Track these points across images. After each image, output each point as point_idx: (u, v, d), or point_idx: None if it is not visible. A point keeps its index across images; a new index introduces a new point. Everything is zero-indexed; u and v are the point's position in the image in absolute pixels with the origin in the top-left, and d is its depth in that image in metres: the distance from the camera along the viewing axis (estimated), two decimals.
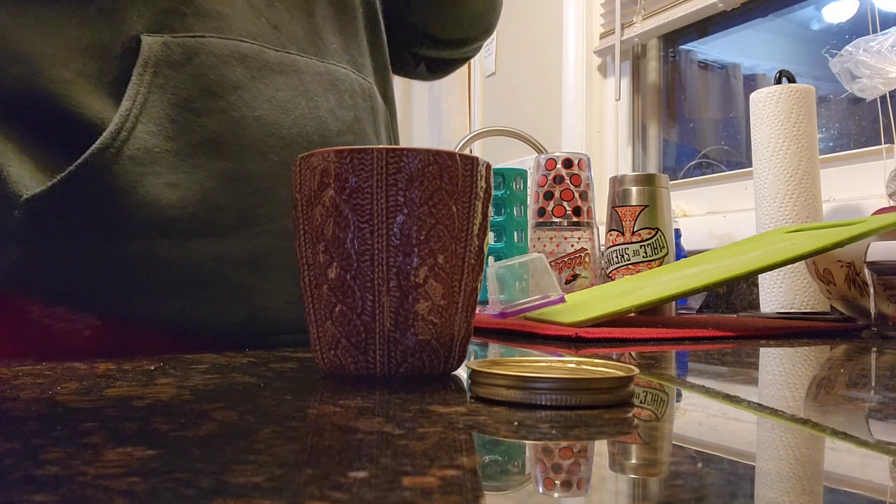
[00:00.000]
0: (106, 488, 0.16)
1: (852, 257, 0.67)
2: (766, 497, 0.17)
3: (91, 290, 0.53)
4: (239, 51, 0.56)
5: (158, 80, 0.53)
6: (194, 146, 0.54)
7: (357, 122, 0.64)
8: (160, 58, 0.53)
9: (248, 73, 0.56)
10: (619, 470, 0.19)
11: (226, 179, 0.55)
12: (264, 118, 0.56)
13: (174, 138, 0.53)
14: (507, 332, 0.65)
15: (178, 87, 0.54)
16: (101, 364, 0.39)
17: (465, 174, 0.35)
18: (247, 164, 0.55)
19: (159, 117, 0.53)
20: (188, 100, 0.54)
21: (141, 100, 0.52)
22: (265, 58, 0.58)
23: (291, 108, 0.58)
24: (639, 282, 0.75)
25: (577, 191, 0.95)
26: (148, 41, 0.54)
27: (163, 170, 0.53)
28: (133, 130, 0.52)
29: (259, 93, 0.57)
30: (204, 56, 0.55)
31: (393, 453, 0.20)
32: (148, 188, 0.52)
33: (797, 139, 0.92)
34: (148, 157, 0.52)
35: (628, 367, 0.30)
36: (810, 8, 1.39)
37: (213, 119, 0.55)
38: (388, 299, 0.34)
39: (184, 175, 0.53)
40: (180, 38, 0.54)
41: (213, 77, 0.55)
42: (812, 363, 0.45)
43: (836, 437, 0.23)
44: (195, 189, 0.53)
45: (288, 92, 0.58)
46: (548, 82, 1.86)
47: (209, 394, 0.29)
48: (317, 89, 0.60)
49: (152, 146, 0.52)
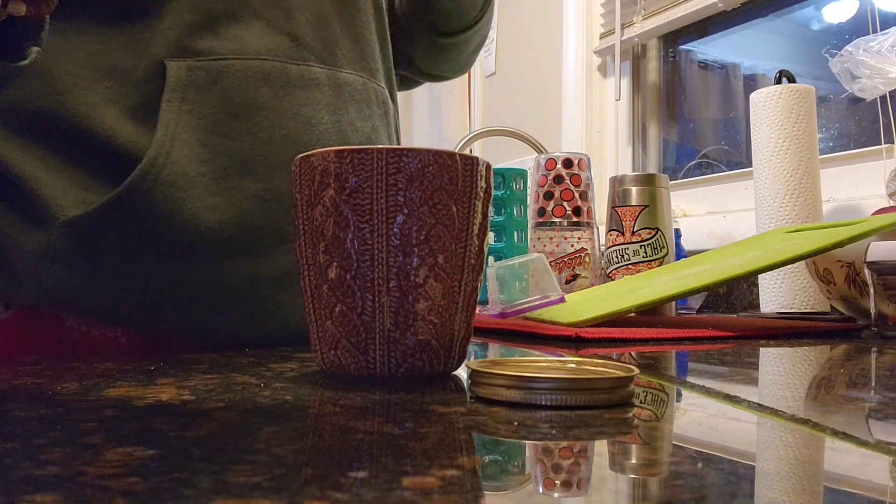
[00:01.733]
0: (106, 488, 0.16)
1: (852, 257, 0.67)
2: (766, 497, 0.17)
3: (131, 309, 0.54)
4: (262, 70, 0.57)
5: (187, 105, 0.54)
6: (227, 169, 0.55)
7: (374, 132, 0.64)
8: (187, 83, 0.54)
9: (273, 91, 0.57)
10: (619, 470, 0.19)
11: (259, 200, 0.56)
12: (291, 136, 0.57)
13: (207, 162, 0.54)
14: (507, 332, 0.65)
15: (205, 112, 0.55)
16: (101, 364, 0.39)
17: (465, 174, 0.35)
18: (278, 184, 0.56)
19: (191, 142, 0.54)
20: (216, 123, 0.55)
21: (173, 126, 0.53)
22: (287, 74, 0.58)
23: (315, 123, 0.59)
24: (639, 282, 0.75)
25: (577, 191, 0.95)
26: (173, 66, 0.54)
27: (200, 193, 0.54)
28: (169, 156, 0.53)
29: (284, 111, 0.57)
30: (228, 79, 0.55)
31: (393, 453, 0.20)
32: (187, 213, 0.53)
33: (797, 139, 0.92)
34: (185, 182, 0.53)
35: (628, 367, 0.30)
36: (810, 8, 1.39)
37: (242, 142, 0.55)
38: (388, 299, 0.34)
39: (220, 198, 0.54)
40: (204, 62, 0.55)
41: (239, 100, 0.56)
42: (812, 363, 0.45)
43: (836, 437, 0.23)
44: (232, 211, 0.54)
45: (311, 107, 0.59)
46: (548, 82, 1.86)
47: (209, 394, 0.29)
48: (337, 102, 0.61)
49: (188, 171, 0.54)
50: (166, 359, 0.42)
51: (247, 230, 0.55)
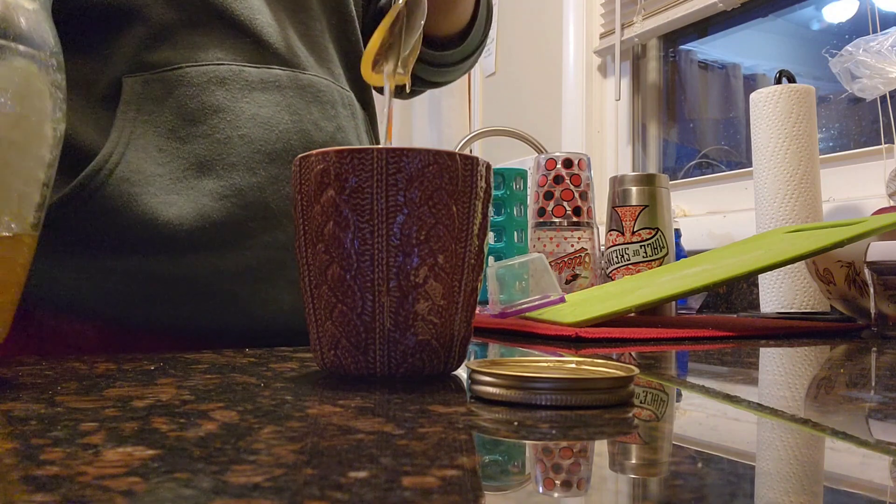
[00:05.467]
0: (106, 488, 0.16)
1: (852, 257, 0.67)
2: (766, 497, 0.17)
3: (94, 302, 0.55)
4: (217, 75, 0.58)
5: (143, 115, 0.56)
6: (184, 170, 0.56)
7: (340, 132, 0.65)
8: (143, 96, 0.56)
9: (229, 94, 0.58)
10: (619, 470, 0.19)
11: (218, 197, 0.56)
12: (249, 135, 0.58)
13: (164, 164, 0.56)
14: (507, 332, 0.65)
15: (161, 121, 0.56)
16: (101, 364, 0.39)
17: (465, 174, 0.35)
18: (237, 181, 0.57)
19: (147, 148, 0.55)
20: (172, 130, 0.56)
21: (128, 132, 0.55)
22: (245, 77, 0.59)
23: (275, 123, 0.59)
24: (639, 282, 0.75)
25: (577, 191, 0.95)
26: (129, 82, 0.56)
27: (157, 190, 0.55)
28: (123, 155, 0.55)
29: (242, 112, 0.58)
30: (183, 87, 0.57)
31: (393, 453, 0.20)
32: (144, 207, 0.54)
33: (797, 139, 0.92)
34: (141, 179, 0.55)
35: (628, 367, 0.30)
36: (810, 8, 1.39)
37: (198, 144, 0.56)
38: (388, 299, 0.34)
39: (177, 196, 0.55)
40: (159, 74, 0.57)
41: (194, 105, 0.57)
42: (812, 363, 0.45)
43: (836, 437, 0.23)
44: (190, 207, 0.55)
45: (271, 108, 0.59)
46: (548, 82, 1.86)
47: (209, 394, 0.29)
48: (299, 102, 0.61)
49: (144, 170, 0.55)
50: (166, 359, 0.42)
51: (206, 225, 0.56)
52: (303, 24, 0.65)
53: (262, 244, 0.58)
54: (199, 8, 0.58)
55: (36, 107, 0.33)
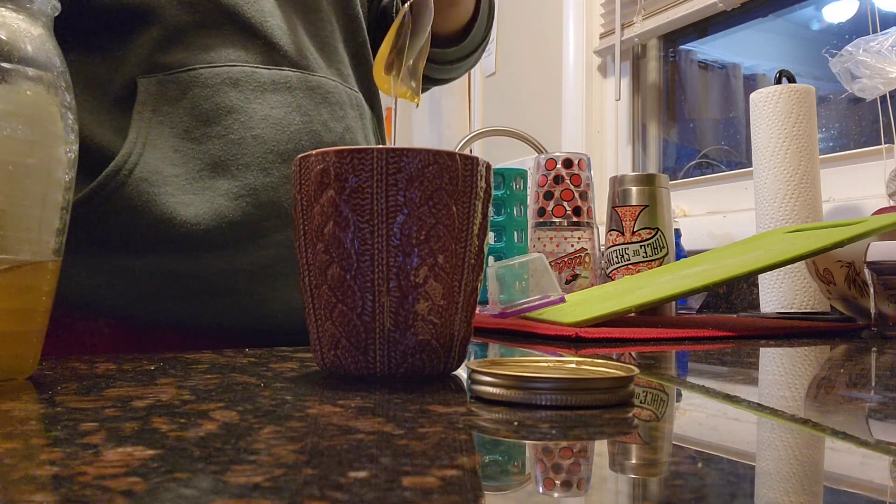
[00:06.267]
0: (106, 488, 0.16)
1: (852, 257, 0.67)
2: (766, 497, 0.17)
3: (108, 300, 0.56)
4: (230, 76, 0.58)
5: (158, 116, 0.56)
6: (200, 171, 0.57)
7: (349, 132, 0.66)
8: (157, 96, 0.57)
9: (242, 95, 0.59)
10: (619, 470, 0.19)
11: (233, 196, 0.57)
12: (262, 136, 0.59)
13: (180, 165, 0.56)
14: (507, 332, 0.65)
15: (176, 122, 0.57)
16: (101, 364, 0.39)
17: (465, 174, 0.35)
18: (251, 181, 0.58)
19: (163, 148, 0.56)
20: (187, 131, 0.57)
21: (144, 133, 0.56)
22: (257, 78, 0.59)
23: (287, 124, 0.60)
24: (639, 282, 0.75)
25: (577, 191, 0.95)
26: (143, 82, 0.57)
27: (174, 190, 0.56)
28: (142, 156, 0.55)
29: (255, 113, 0.59)
30: (197, 88, 0.57)
31: (393, 453, 0.20)
32: (162, 207, 0.55)
33: (797, 139, 0.92)
34: (159, 179, 0.55)
35: (628, 367, 0.30)
36: (810, 8, 1.39)
37: (213, 145, 0.57)
38: (388, 299, 0.34)
39: (194, 196, 0.56)
40: (172, 75, 0.57)
41: (208, 106, 0.57)
42: (812, 363, 0.45)
43: (836, 437, 0.23)
44: (206, 207, 0.56)
45: (282, 109, 0.60)
46: (548, 82, 1.86)
47: (209, 394, 0.29)
48: (309, 104, 0.62)
49: (161, 171, 0.55)
50: (166, 359, 0.42)
51: (222, 225, 0.56)
52: (313, 25, 0.66)
53: (276, 243, 0.59)
54: (212, 10, 0.59)
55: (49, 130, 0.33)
